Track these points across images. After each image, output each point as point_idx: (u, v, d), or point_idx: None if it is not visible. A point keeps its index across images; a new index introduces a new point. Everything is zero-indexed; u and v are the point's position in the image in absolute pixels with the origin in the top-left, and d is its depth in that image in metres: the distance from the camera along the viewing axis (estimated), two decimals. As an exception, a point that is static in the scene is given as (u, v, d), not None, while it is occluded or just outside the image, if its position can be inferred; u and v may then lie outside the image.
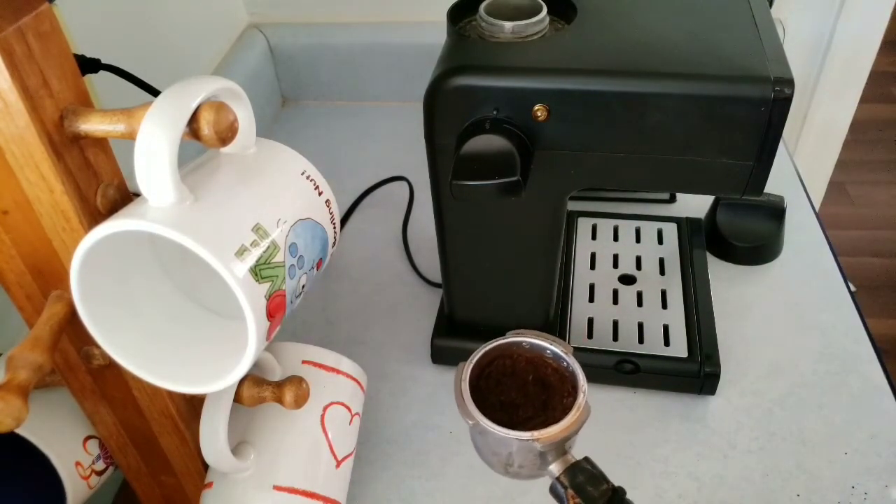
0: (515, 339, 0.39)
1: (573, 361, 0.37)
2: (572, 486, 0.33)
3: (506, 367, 0.39)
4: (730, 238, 0.69)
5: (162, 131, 0.29)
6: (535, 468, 0.36)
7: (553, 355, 0.38)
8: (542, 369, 0.38)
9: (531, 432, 0.34)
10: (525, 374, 0.39)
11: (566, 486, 0.34)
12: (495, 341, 0.39)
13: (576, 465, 0.34)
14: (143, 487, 0.48)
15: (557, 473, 0.34)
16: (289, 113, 0.99)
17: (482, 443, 0.37)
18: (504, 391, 0.37)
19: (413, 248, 0.74)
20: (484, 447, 0.37)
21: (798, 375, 0.59)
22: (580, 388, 0.36)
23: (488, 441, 0.36)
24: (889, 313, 1.66)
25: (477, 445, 0.38)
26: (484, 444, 0.37)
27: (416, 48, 0.93)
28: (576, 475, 0.34)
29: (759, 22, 0.46)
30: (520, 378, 0.38)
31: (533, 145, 0.45)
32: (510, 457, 0.36)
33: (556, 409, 0.36)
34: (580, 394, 0.36)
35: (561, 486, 0.34)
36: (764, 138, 0.42)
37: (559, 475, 0.34)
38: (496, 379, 0.38)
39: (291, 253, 0.34)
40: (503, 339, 0.39)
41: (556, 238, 0.53)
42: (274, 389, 0.40)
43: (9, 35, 0.28)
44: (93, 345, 0.37)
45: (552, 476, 0.35)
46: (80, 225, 0.33)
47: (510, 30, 0.46)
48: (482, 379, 0.38)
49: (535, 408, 0.36)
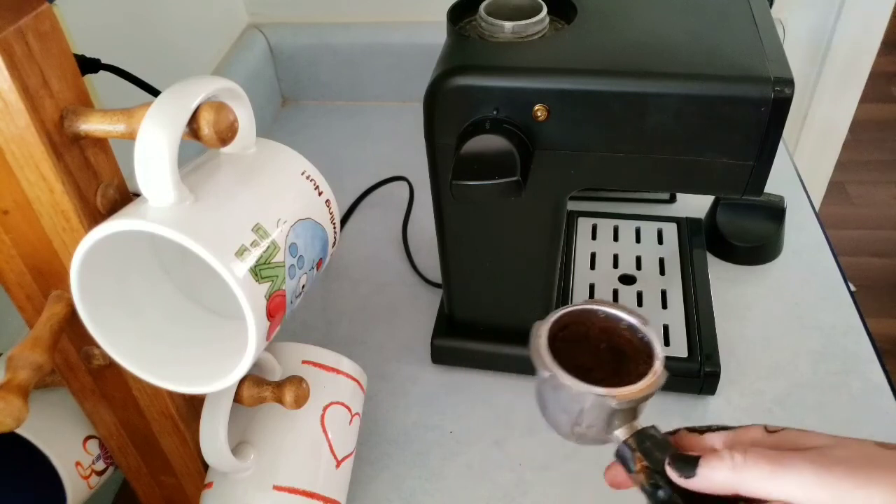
0: (591, 307, 0.39)
1: (649, 332, 0.37)
2: (640, 450, 0.34)
3: (579, 334, 0.38)
4: (730, 238, 0.69)
5: (162, 131, 0.29)
6: (602, 430, 0.36)
7: (628, 326, 0.38)
8: (616, 339, 0.38)
9: (608, 389, 0.34)
10: (598, 342, 0.38)
11: (633, 449, 0.34)
12: (571, 307, 0.39)
13: (643, 430, 0.35)
14: (143, 487, 0.48)
15: (623, 438, 0.35)
16: (289, 113, 0.99)
17: (553, 399, 0.37)
18: (576, 356, 0.37)
19: (413, 248, 0.74)
20: (554, 404, 0.37)
21: (798, 375, 0.59)
22: (657, 356, 0.36)
23: (560, 397, 0.36)
24: (889, 313, 1.66)
25: (545, 403, 0.38)
26: (555, 400, 0.37)
27: (416, 48, 0.93)
28: (644, 440, 0.34)
29: (759, 22, 0.46)
30: (592, 345, 0.38)
31: (533, 145, 0.45)
32: (581, 414, 0.35)
33: (629, 375, 0.36)
34: (657, 361, 0.36)
35: (629, 448, 0.34)
36: (764, 138, 0.42)
37: (626, 438, 0.34)
38: (568, 344, 0.38)
39: (291, 253, 0.34)
40: (578, 305, 0.39)
41: (556, 238, 0.53)
42: (274, 389, 0.40)
43: (9, 35, 0.28)
44: (93, 345, 0.37)
45: (617, 441, 0.35)
46: (80, 225, 0.33)
47: (510, 30, 0.46)
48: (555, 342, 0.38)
49: (607, 374, 0.36)
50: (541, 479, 0.54)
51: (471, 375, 0.62)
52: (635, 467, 0.33)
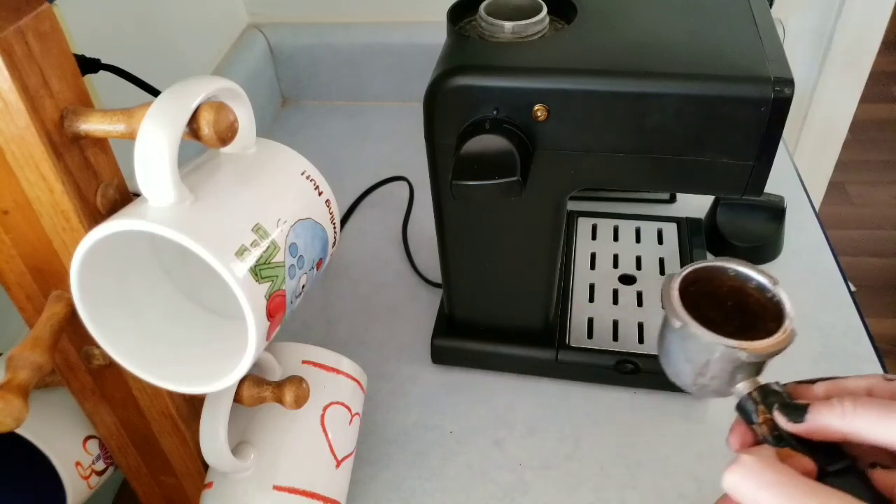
0: (721, 264, 0.39)
1: (780, 292, 0.37)
2: (763, 403, 0.34)
3: (707, 291, 0.39)
4: (730, 238, 0.69)
5: (162, 131, 0.29)
6: (725, 383, 0.36)
7: (758, 285, 0.38)
8: (744, 297, 0.39)
9: (739, 342, 0.35)
10: (725, 300, 0.39)
11: (757, 402, 0.34)
12: (701, 263, 0.39)
13: (767, 385, 0.35)
14: (143, 487, 0.48)
15: (745, 391, 0.35)
16: (289, 113, 0.99)
17: (679, 349, 0.37)
18: (704, 310, 0.37)
19: (413, 248, 0.74)
20: (679, 354, 0.37)
21: (798, 375, 0.59)
22: (787, 315, 0.37)
23: (688, 347, 0.36)
24: (889, 313, 1.66)
25: (669, 353, 0.38)
26: (681, 350, 0.37)
27: (416, 48, 0.93)
28: (768, 394, 0.34)
29: (759, 22, 0.46)
30: (720, 302, 0.39)
31: (533, 145, 0.45)
32: (706, 365, 0.36)
33: (757, 333, 0.36)
34: (787, 319, 0.36)
35: (752, 401, 0.34)
36: (764, 138, 0.42)
37: (750, 391, 0.35)
38: (696, 298, 0.38)
39: (291, 253, 0.34)
40: (709, 262, 0.39)
41: (556, 238, 0.53)
42: (274, 389, 0.40)
43: (9, 35, 0.28)
44: (93, 345, 0.37)
45: (739, 394, 0.36)
46: (80, 225, 0.33)
47: (510, 30, 0.46)
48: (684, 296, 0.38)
49: (734, 329, 0.36)
50: (541, 479, 0.54)
51: (471, 375, 0.62)
52: (758, 419, 0.34)
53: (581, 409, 0.58)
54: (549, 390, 0.60)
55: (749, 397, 0.35)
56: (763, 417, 0.34)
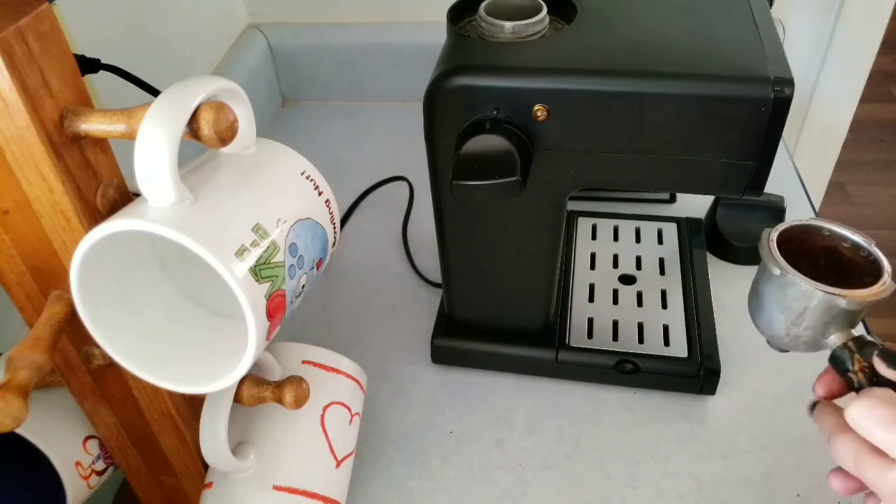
0: (817, 223, 0.39)
1: (875, 250, 0.38)
2: (859, 351, 0.34)
3: (801, 249, 0.39)
4: (730, 238, 0.69)
5: (162, 131, 0.29)
6: (819, 333, 0.36)
7: (853, 244, 0.38)
8: (838, 256, 0.39)
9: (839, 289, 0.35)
10: (818, 258, 0.39)
11: (853, 350, 0.35)
12: (796, 221, 0.39)
13: (862, 336, 0.35)
14: (143, 487, 0.48)
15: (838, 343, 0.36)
16: (289, 113, 0.99)
17: (775, 298, 0.37)
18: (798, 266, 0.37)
19: (413, 248, 0.74)
20: (774, 303, 0.38)
21: (798, 375, 0.59)
22: (885, 269, 0.37)
23: (786, 295, 0.36)
24: (889, 313, 1.66)
25: (763, 304, 0.39)
26: (777, 299, 0.37)
27: (416, 48, 0.93)
28: (864, 345, 0.35)
29: (759, 22, 0.46)
30: (813, 259, 0.39)
31: (533, 145, 0.45)
32: (802, 314, 0.36)
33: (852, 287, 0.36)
34: (886, 273, 0.37)
35: (848, 350, 0.35)
36: (764, 138, 0.42)
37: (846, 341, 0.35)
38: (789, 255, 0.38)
39: (291, 253, 0.34)
40: (804, 221, 0.39)
41: (556, 238, 0.53)
42: (274, 389, 0.40)
43: (9, 35, 0.28)
44: (93, 345, 0.37)
45: (832, 345, 0.36)
46: (80, 225, 0.33)
47: (510, 30, 0.46)
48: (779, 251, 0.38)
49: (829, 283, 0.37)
50: (541, 478, 0.54)
51: (471, 375, 0.62)
52: (854, 367, 0.34)
53: (581, 408, 0.58)
54: (549, 390, 0.60)
55: (845, 346, 0.35)
56: (859, 365, 0.34)
